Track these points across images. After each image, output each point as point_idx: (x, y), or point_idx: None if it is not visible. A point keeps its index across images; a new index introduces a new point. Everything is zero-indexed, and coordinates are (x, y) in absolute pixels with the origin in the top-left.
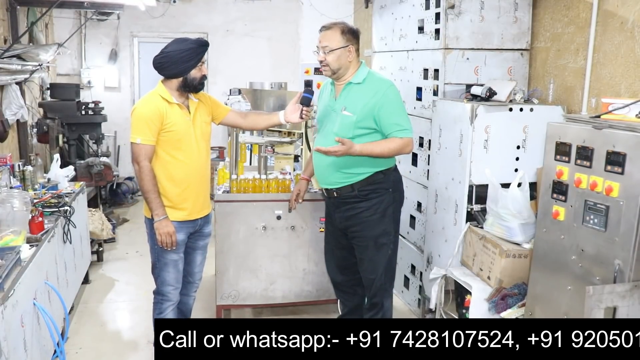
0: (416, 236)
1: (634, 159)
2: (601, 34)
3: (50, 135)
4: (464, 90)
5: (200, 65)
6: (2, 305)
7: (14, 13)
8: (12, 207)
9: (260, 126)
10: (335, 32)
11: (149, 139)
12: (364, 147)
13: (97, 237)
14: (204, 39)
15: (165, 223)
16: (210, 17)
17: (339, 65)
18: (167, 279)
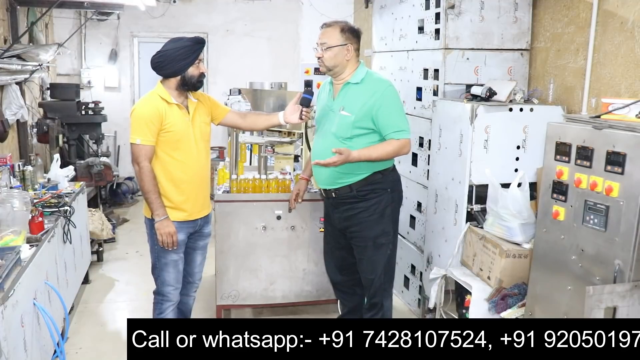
0: (416, 236)
1: (634, 159)
2: (601, 34)
3: (50, 135)
4: (464, 90)
5: (198, 62)
6: (2, 305)
7: (14, 13)
8: (12, 207)
9: (259, 127)
10: (334, 29)
11: (149, 139)
12: (361, 153)
13: (97, 237)
14: (200, 37)
15: (166, 223)
16: (210, 17)
17: (334, 62)
18: (167, 279)
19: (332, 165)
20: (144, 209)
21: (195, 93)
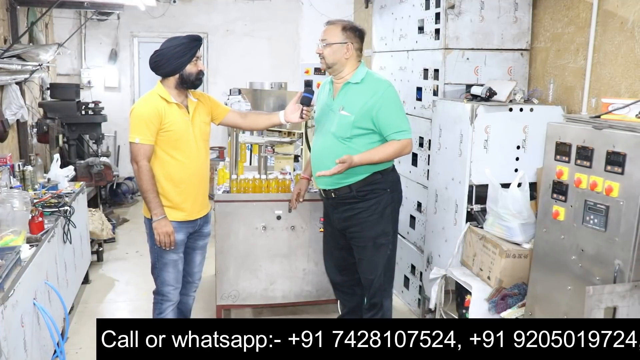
0: (416, 236)
1: (634, 159)
2: (601, 34)
3: (50, 135)
4: (464, 90)
5: (196, 60)
6: (2, 305)
7: (14, 13)
8: (12, 207)
9: (260, 126)
10: (336, 27)
11: (148, 138)
12: (363, 157)
13: (97, 237)
14: (197, 35)
15: (163, 223)
16: (210, 17)
17: (334, 60)
18: (167, 279)
19: (336, 174)
20: (144, 208)
21: (195, 93)
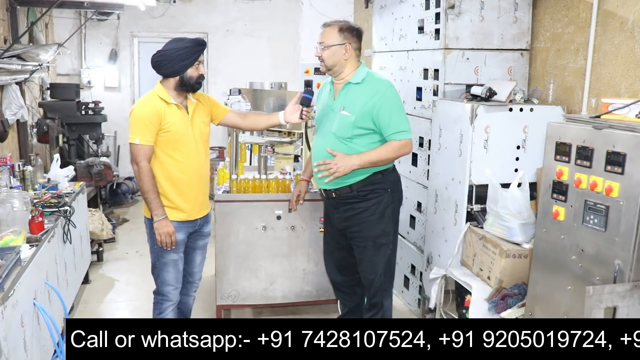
0: (416, 236)
1: (634, 159)
2: (601, 34)
3: (50, 135)
4: (464, 90)
5: (198, 64)
6: (2, 305)
7: (14, 13)
8: (12, 207)
9: (259, 126)
10: (333, 29)
11: (148, 139)
12: (363, 158)
13: (97, 237)
14: (201, 39)
15: (164, 223)
16: (210, 17)
17: (333, 62)
18: (167, 279)
19: (338, 175)
20: (144, 209)
21: (195, 93)
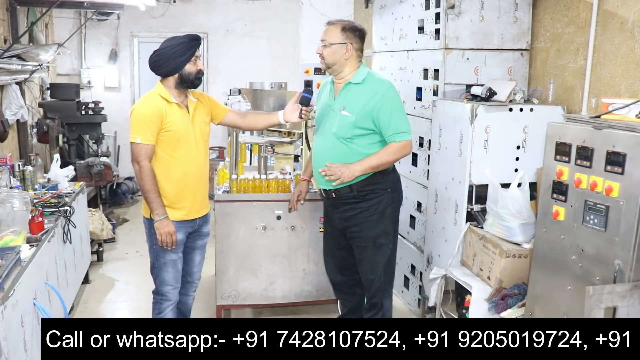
0: (416, 236)
1: (634, 159)
2: (601, 34)
3: (50, 135)
4: (464, 90)
5: (195, 59)
6: (2, 305)
7: (14, 13)
8: (12, 207)
9: (259, 126)
10: (336, 28)
11: (149, 138)
12: (364, 164)
13: (97, 237)
14: (196, 34)
15: (165, 222)
16: (210, 17)
17: (333, 60)
18: (166, 279)
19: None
20: (143, 208)
21: (195, 92)
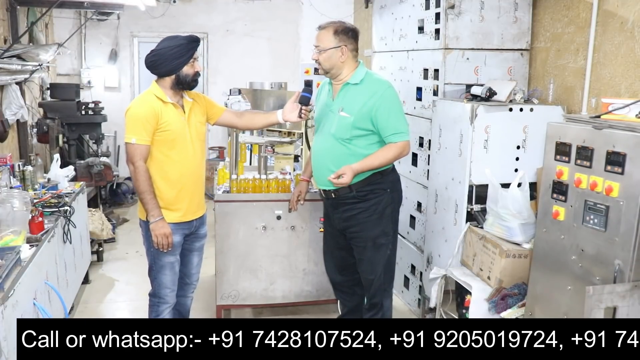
0: (416, 236)
1: (634, 159)
2: (601, 34)
3: (50, 135)
4: (464, 90)
5: (193, 61)
6: (2, 305)
7: (14, 13)
8: (12, 207)
9: (257, 125)
10: (328, 32)
11: (144, 139)
12: (363, 164)
13: (97, 237)
14: (195, 35)
15: (161, 224)
16: (210, 17)
17: (330, 65)
18: (164, 282)
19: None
20: (139, 210)
21: (191, 92)
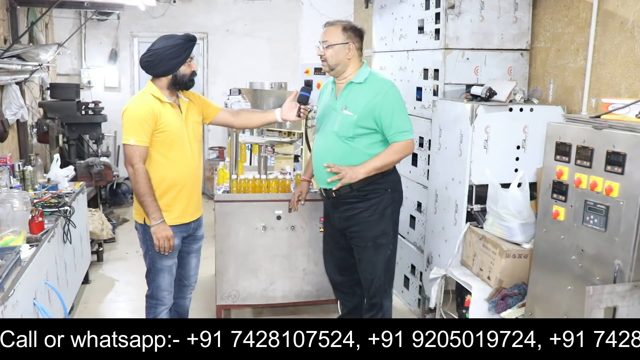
0: (416, 236)
1: (634, 159)
2: (601, 34)
3: (50, 135)
4: (464, 90)
5: (189, 61)
6: (2, 305)
7: (14, 13)
8: (12, 207)
9: (254, 124)
10: (336, 28)
11: (143, 139)
12: (367, 167)
13: (97, 237)
14: (192, 35)
15: (163, 227)
16: (210, 17)
17: (336, 61)
18: (162, 284)
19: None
20: (135, 213)
21: (186, 92)
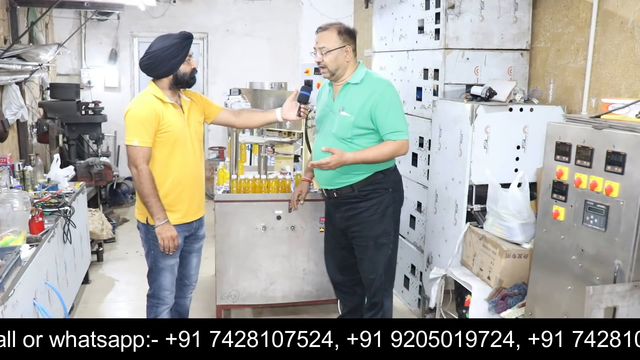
0: (416, 236)
1: (634, 159)
2: (601, 34)
3: (50, 135)
4: (464, 90)
5: (189, 58)
6: (2, 305)
7: (14, 13)
8: (12, 207)
9: (254, 124)
10: (332, 32)
11: (146, 140)
12: (356, 155)
13: (97, 237)
14: (188, 32)
15: (167, 227)
16: (210, 17)
17: (336, 65)
18: (164, 284)
19: (326, 167)
20: (137, 212)
21: (187, 92)
